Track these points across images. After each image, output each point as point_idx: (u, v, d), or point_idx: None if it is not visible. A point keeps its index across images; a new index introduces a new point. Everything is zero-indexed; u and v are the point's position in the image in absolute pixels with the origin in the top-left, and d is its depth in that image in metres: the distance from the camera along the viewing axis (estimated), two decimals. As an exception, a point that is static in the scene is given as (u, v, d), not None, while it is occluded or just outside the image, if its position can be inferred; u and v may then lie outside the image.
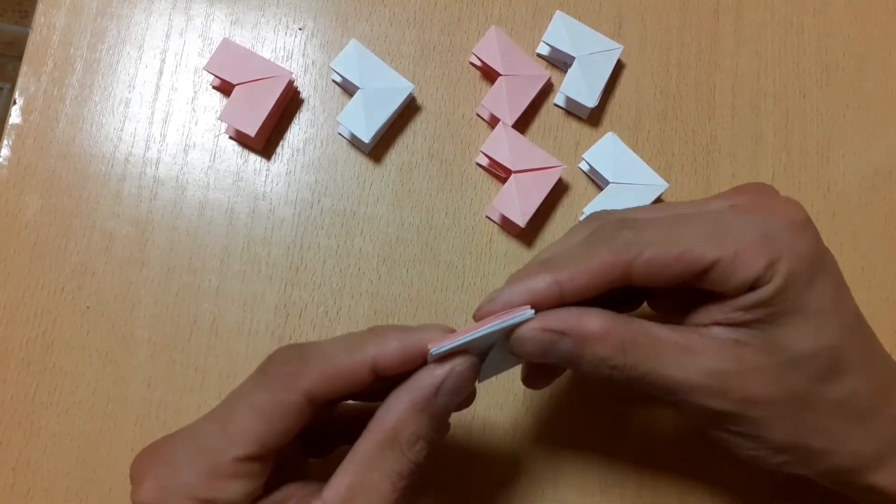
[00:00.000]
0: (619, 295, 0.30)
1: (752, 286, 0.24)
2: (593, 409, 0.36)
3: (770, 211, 0.25)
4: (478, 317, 0.26)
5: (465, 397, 0.25)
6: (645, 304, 0.31)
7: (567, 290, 0.25)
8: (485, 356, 0.26)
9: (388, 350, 0.24)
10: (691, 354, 0.25)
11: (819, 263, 0.25)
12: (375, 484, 0.23)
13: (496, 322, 0.24)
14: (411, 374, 0.25)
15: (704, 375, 0.24)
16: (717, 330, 0.25)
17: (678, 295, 0.27)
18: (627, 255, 0.25)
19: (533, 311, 0.25)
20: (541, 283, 0.25)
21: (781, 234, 0.24)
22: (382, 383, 0.25)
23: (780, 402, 0.25)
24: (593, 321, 0.25)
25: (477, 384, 0.27)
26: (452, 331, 0.25)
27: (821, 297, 0.25)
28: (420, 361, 0.25)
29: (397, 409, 0.24)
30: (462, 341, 0.24)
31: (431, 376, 0.24)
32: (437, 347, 0.24)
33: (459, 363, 0.24)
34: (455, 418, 0.35)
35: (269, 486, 0.24)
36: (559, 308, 0.25)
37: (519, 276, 0.26)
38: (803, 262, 0.24)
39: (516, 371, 0.36)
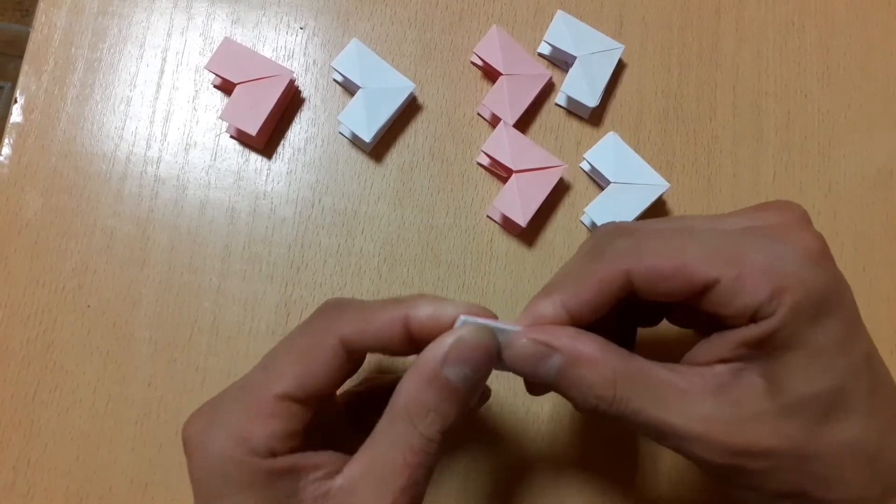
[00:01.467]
0: (638, 311, 0.29)
1: (755, 317, 0.23)
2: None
3: (785, 237, 0.24)
4: None
5: (479, 389, 0.25)
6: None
7: (573, 309, 0.24)
8: None
9: (421, 312, 0.24)
10: (688, 398, 0.24)
11: (829, 299, 0.23)
12: (388, 458, 0.23)
13: (510, 325, 0.25)
14: None
15: (701, 422, 0.23)
16: (719, 368, 0.24)
17: (695, 314, 0.26)
18: (625, 264, 0.24)
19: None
20: (547, 308, 0.25)
21: (792, 264, 0.23)
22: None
23: (780, 452, 0.23)
24: (587, 345, 0.24)
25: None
26: (491, 312, 0.25)
27: (828, 334, 0.23)
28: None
29: (407, 381, 0.24)
30: (492, 323, 0.24)
31: (438, 346, 0.24)
32: (468, 317, 0.24)
33: (467, 332, 0.24)
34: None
35: (311, 448, 0.25)
36: (557, 325, 0.25)
37: (527, 306, 0.25)
38: (812, 295, 0.23)
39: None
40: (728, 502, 0.35)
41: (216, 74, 0.37)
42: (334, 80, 0.39)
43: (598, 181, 0.38)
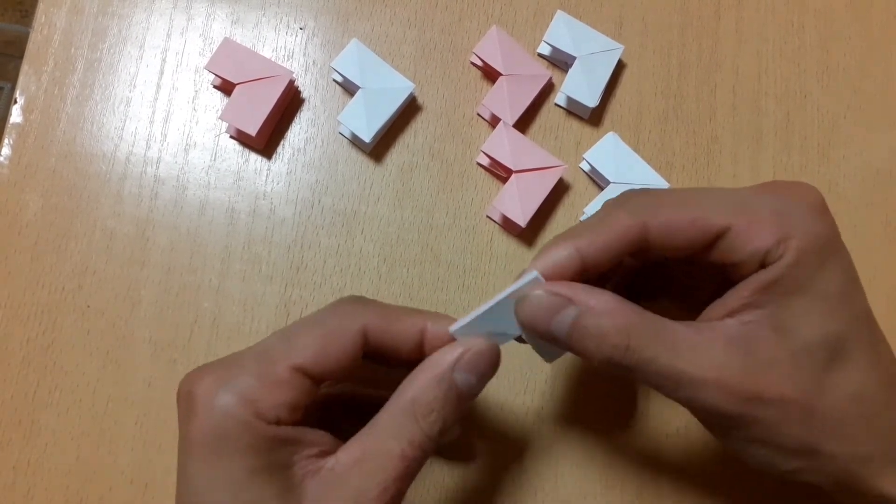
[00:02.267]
0: (646, 281, 0.30)
1: (764, 262, 0.24)
2: (595, 406, 0.36)
3: (788, 192, 0.26)
4: None
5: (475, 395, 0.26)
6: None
7: (587, 255, 0.25)
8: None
9: (439, 326, 0.26)
10: (701, 348, 0.24)
11: (832, 247, 0.25)
12: (387, 448, 0.24)
13: (505, 291, 0.25)
14: None
15: (713, 369, 0.24)
16: (730, 321, 0.25)
17: (702, 285, 0.27)
18: (643, 216, 0.25)
19: (536, 272, 0.25)
20: (562, 252, 0.25)
21: (796, 213, 0.25)
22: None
23: (790, 399, 0.24)
24: (601, 296, 0.25)
25: (548, 363, 0.28)
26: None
27: (831, 280, 0.25)
28: None
29: (416, 379, 0.25)
30: (474, 315, 0.25)
31: (450, 351, 0.25)
32: (455, 326, 0.26)
33: (477, 344, 0.25)
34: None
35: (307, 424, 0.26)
36: (571, 282, 0.25)
37: (542, 250, 0.26)
38: (816, 241, 0.24)
39: (519, 369, 0.36)
40: (729, 491, 0.35)
41: (216, 75, 0.37)
42: (334, 80, 0.39)
43: (598, 181, 0.38)
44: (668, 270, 0.31)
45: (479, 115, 0.39)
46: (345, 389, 0.31)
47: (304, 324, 0.26)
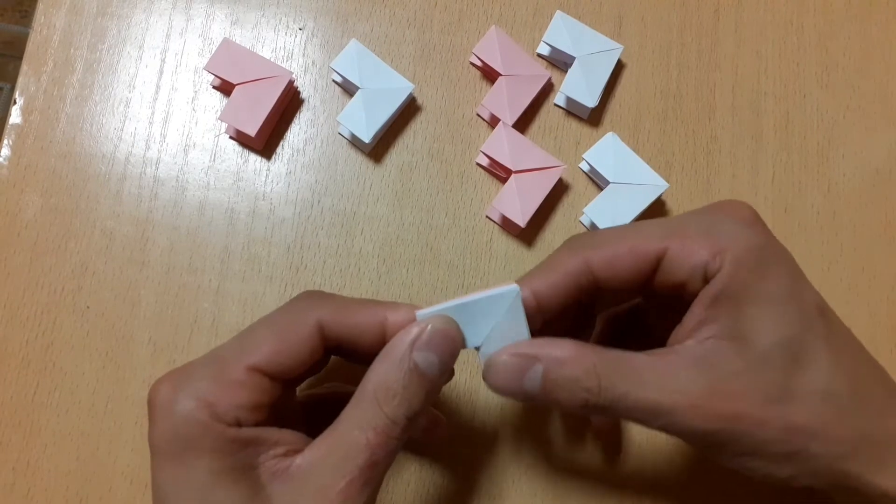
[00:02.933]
0: (628, 329, 0.31)
1: (706, 278, 0.25)
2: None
3: (719, 210, 0.27)
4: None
5: (447, 367, 0.25)
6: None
7: (541, 296, 0.26)
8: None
9: (399, 315, 0.26)
10: (668, 374, 0.25)
11: (769, 254, 0.26)
12: (351, 438, 0.24)
13: (481, 293, 0.25)
14: None
15: (682, 393, 0.24)
16: (689, 343, 0.25)
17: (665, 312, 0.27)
18: (584, 253, 0.26)
19: (517, 285, 0.26)
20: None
21: (727, 227, 0.26)
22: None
23: (761, 408, 0.24)
24: (563, 346, 0.25)
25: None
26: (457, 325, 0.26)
27: (776, 284, 0.25)
28: None
29: (376, 366, 0.25)
30: (445, 306, 0.25)
31: (407, 332, 0.25)
32: (422, 311, 0.26)
33: (434, 321, 0.25)
34: (454, 420, 0.35)
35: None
36: (531, 340, 0.26)
37: None
38: (750, 250, 0.25)
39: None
40: (731, 492, 0.35)
41: (215, 75, 0.37)
42: (333, 80, 0.39)
43: (598, 181, 0.38)
44: (646, 315, 0.31)
45: (478, 115, 0.39)
46: (322, 391, 0.31)
47: (259, 323, 0.26)
